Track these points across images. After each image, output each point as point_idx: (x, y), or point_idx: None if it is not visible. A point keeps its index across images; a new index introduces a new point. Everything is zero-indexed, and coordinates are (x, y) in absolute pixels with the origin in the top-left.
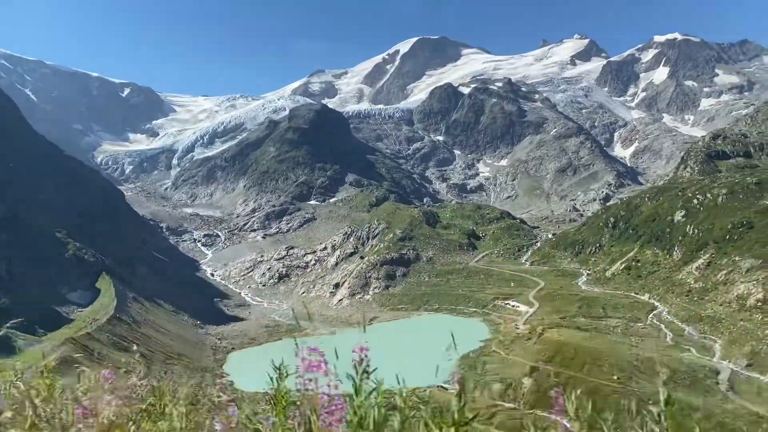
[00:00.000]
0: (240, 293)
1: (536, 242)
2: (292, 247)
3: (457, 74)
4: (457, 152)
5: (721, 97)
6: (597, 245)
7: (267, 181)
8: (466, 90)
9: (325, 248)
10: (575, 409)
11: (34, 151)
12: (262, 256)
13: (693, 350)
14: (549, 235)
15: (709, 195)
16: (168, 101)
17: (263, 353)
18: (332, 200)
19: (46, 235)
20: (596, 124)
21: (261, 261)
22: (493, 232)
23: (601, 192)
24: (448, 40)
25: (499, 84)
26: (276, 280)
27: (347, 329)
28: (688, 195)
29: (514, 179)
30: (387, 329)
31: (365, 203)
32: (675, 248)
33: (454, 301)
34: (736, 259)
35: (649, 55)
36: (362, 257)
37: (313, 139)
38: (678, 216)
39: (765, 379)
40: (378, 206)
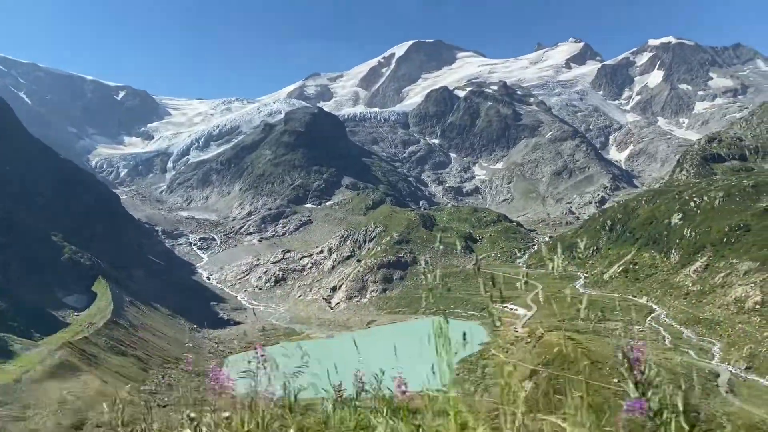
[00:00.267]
0: (236, 297)
1: (533, 245)
2: (288, 251)
3: (452, 77)
4: (452, 155)
5: (716, 100)
6: (594, 248)
7: (263, 185)
8: (461, 93)
9: (321, 251)
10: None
11: (29, 154)
12: (258, 260)
13: (692, 353)
14: (546, 238)
15: (705, 198)
16: (163, 104)
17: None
18: (328, 203)
19: (41, 239)
20: (591, 127)
21: (257, 264)
22: (490, 235)
23: (597, 195)
24: (443, 43)
25: (495, 87)
26: (272, 284)
27: (345, 332)
28: (685, 198)
29: (509, 182)
30: (385, 332)
31: (361, 206)
32: (672, 251)
33: (452, 304)
34: (734, 261)
35: (644, 58)
36: (359, 260)
37: (309, 143)
38: (675, 219)
39: (765, 381)
40: (374, 209)
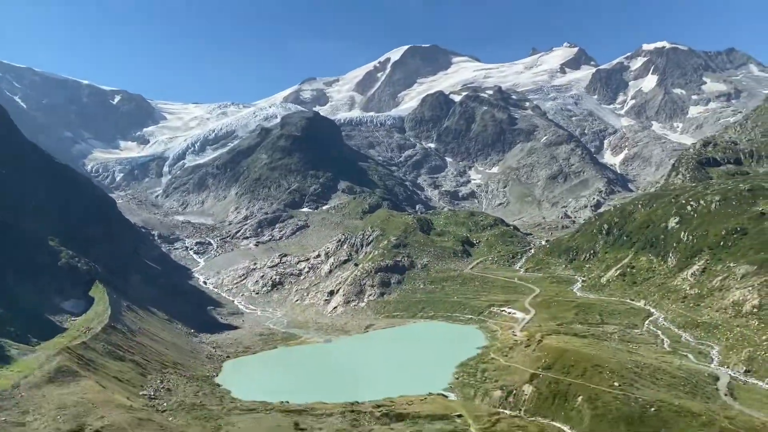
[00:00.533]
0: (233, 301)
1: (530, 249)
2: (285, 255)
3: (447, 82)
4: (448, 159)
5: (709, 104)
6: (591, 252)
7: (259, 189)
8: (457, 98)
9: (318, 255)
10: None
11: (25, 159)
12: (255, 264)
13: (690, 356)
14: (543, 242)
15: (702, 202)
16: (159, 109)
17: (259, 362)
18: (325, 207)
19: (38, 243)
20: (586, 131)
21: (254, 269)
22: (487, 239)
23: (592, 199)
24: (438, 48)
25: (490, 92)
26: (269, 288)
27: (343, 337)
28: (682, 202)
29: (505, 186)
30: (383, 337)
31: (358, 210)
32: (669, 255)
33: (450, 308)
34: (731, 265)
35: (638, 63)
36: (356, 264)
37: (306, 147)
38: (672, 222)
39: (764, 385)
40: (371, 213)
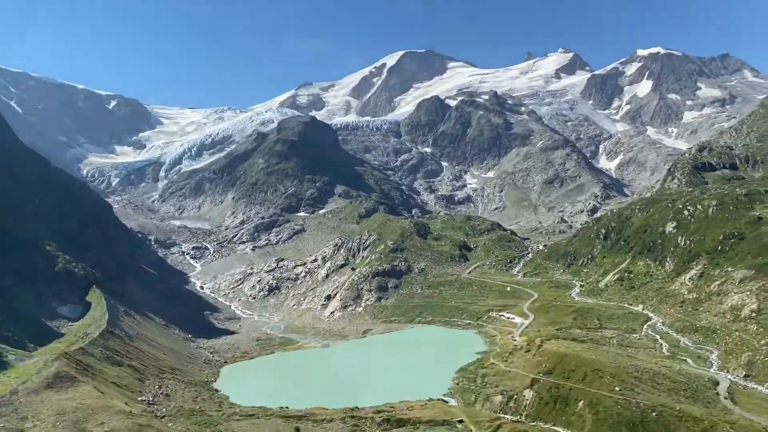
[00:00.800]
0: (230, 306)
1: (527, 253)
2: (282, 259)
3: (443, 87)
4: (444, 164)
5: (704, 110)
6: (589, 256)
7: (256, 193)
8: (452, 102)
9: (315, 260)
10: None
11: (21, 163)
12: (251, 269)
13: (690, 361)
14: (540, 247)
15: (699, 206)
16: (155, 113)
17: (257, 367)
18: (321, 212)
19: (35, 248)
20: (581, 136)
21: (251, 273)
22: (485, 244)
23: (589, 203)
24: (434, 53)
25: (486, 97)
26: (266, 293)
27: (341, 342)
28: (679, 206)
29: (501, 191)
30: (381, 342)
31: (354, 214)
32: (667, 259)
33: (448, 313)
34: (729, 269)
35: (633, 68)
36: (353, 269)
37: (302, 151)
38: (669, 227)
39: (764, 389)
40: (367, 217)
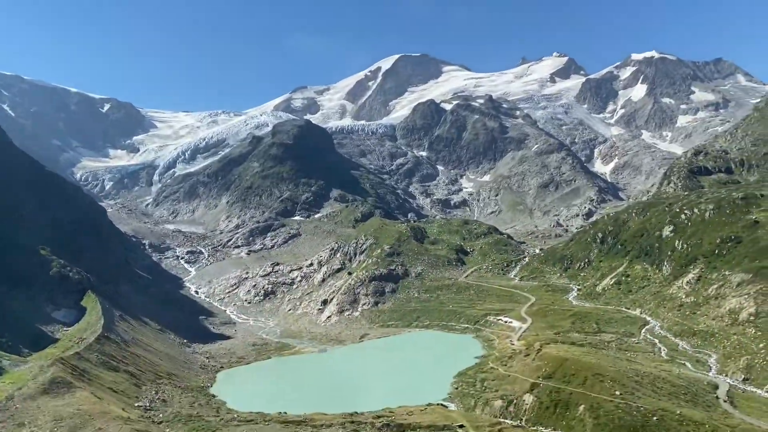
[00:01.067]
0: (225, 311)
1: (524, 257)
2: (277, 264)
3: (438, 91)
4: (440, 168)
5: (698, 114)
6: (586, 260)
7: (251, 197)
8: (448, 106)
9: (311, 264)
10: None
11: (14, 167)
12: (247, 273)
13: (688, 365)
14: (537, 251)
15: (696, 210)
16: (149, 117)
17: (253, 372)
18: (317, 216)
19: (29, 252)
20: (576, 140)
21: (246, 278)
22: (481, 248)
23: (584, 207)
24: (429, 57)
25: (481, 101)
26: (261, 297)
27: (338, 346)
28: (676, 210)
29: (497, 195)
30: (379, 346)
31: (350, 219)
32: (664, 263)
33: (445, 317)
34: (726, 273)
35: (627, 72)
36: (350, 273)
37: (297, 155)
38: (666, 231)
39: (763, 393)
40: (363, 221)
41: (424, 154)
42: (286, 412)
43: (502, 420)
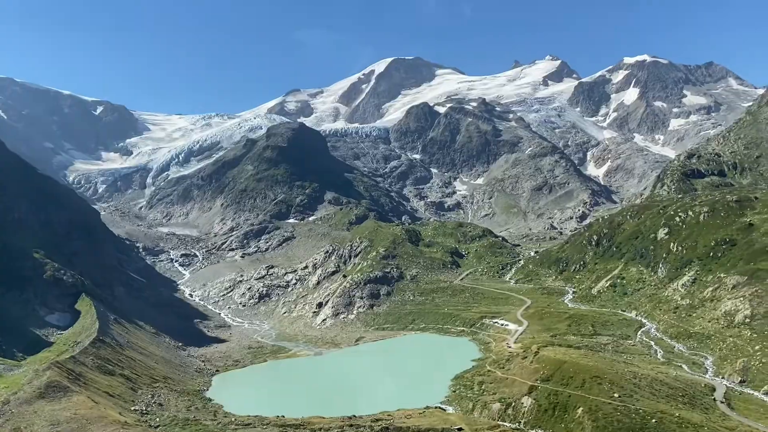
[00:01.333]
0: (220, 314)
1: (519, 260)
2: (272, 267)
3: (432, 94)
4: (433, 170)
5: (690, 117)
6: (581, 263)
7: (245, 200)
8: (441, 109)
9: (306, 267)
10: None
11: (6, 170)
12: (241, 276)
13: (685, 367)
14: (532, 253)
15: (690, 213)
16: (142, 120)
17: (249, 376)
18: (311, 218)
19: (22, 256)
20: (569, 143)
21: (240, 281)
22: (476, 250)
23: (578, 210)
24: (422, 60)
25: (474, 104)
26: (256, 300)
27: (334, 349)
28: (670, 213)
29: (490, 197)
30: (375, 349)
31: (344, 221)
32: (660, 265)
33: (441, 320)
34: (721, 275)
35: (620, 76)
36: (345, 276)
37: (291, 158)
38: (661, 233)
39: (760, 395)
40: (357, 224)
41: (417, 156)
42: (283, 416)
43: (501, 423)
